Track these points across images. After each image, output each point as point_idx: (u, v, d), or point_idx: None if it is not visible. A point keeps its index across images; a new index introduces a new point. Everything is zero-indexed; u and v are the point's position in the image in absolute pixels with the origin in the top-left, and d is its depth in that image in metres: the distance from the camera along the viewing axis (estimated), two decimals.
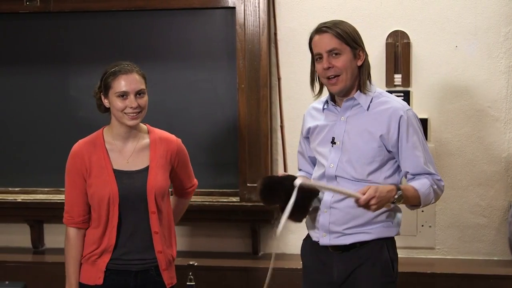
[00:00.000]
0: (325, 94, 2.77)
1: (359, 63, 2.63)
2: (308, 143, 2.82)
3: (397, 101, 2.68)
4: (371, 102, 2.64)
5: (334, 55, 2.58)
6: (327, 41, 2.59)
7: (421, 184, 2.58)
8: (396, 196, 2.49)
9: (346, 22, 2.66)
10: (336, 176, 2.63)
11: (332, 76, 2.59)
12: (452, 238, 3.76)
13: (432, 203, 2.65)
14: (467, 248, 3.75)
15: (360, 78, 2.65)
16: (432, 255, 3.78)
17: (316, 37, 2.62)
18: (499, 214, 3.71)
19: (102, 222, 2.76)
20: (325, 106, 2.72)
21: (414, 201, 2.59)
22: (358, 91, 2.65)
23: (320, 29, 2.62)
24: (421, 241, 3.75)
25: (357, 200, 2.43)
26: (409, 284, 3.53)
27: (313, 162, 2.83)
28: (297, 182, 2.38)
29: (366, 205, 2.43)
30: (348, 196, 2.48)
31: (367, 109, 2.63)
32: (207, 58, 3.90)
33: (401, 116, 2.60)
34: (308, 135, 2.79)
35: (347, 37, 2.59)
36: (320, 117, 2.74)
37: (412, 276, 3.54)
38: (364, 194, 2.41)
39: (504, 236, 3.70)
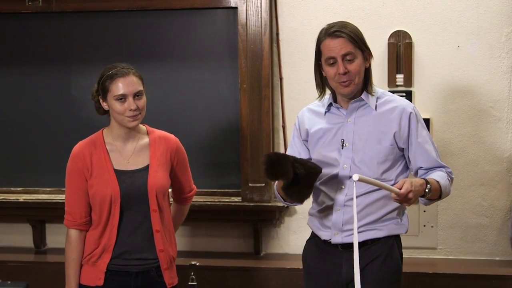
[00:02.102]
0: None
1: (367, 65, 2.65)
2: (305, 146, 2.79)
3: (401, 99, 2.72)
4: (376, 102, 2.67)
5: (348, 60, 2.58)
6: (342, 45, 2.57)
7: (440, 177, 2.60)
8: (427, 190, 2.52)
9: (351, 24, 2.66)
10: (350, 176, 2.63)
11: (346, 80, 2.59)
12: (454, 238, 3.76)
13: (446, 196, 2.67)
14: (469, 248, 3.75)
15: (368, 79, 2.66)
16: (434, 255, 3.78)
17: (329, 41, 2.59)
18: (501, 214, 3.71)
19: (103, 221, 2.76)
20: (327, 110, 2.72)
21: (436, 195, 2.59)
22: (364, 91, 2.66)
23: (334, 33, 2.58)
24: (423, 241, 3.75)
25: (396, 195, 2.45)
26: (411, 284, 3.53)
27: None
28: (355, 177, 2.36)
29: (405, 199, 2.45)
30: (388, 190, 2.49)
31: (375, 109, 2.65)
32: (209, 58, 3.90)
33: (410, 113, 2.64)
34: (307, 138, 2.77)
35: (359, 40, 2.61)
36: (320, 120, 2.73)
37: (414, 276, 3.54)
38: (400, 188, 2.44)
39: (506, 236, 3.70)
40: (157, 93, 3.80)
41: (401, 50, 3.67)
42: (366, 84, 2.66)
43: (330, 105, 2.71)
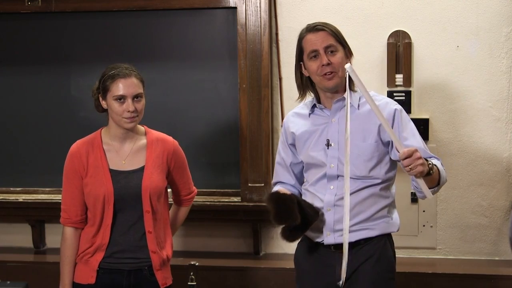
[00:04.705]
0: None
1: (348, 62, 2.65)
2: (293, 151, 2.81)
3: (385, 97, 2.74)
4: (359, 101, 2.68)
5: (330, 52, 2.62)
6: (324, 38, 2.62)
7: (435, 161, 2.52)
8: (429, 165, 2.41)
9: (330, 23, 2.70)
10: (338, 176, 2.64)
11: (329, 72, 2.60)
12: (454, 238, 3.76)
13: (444, 184, 2.56)
14: (468, 248, 3.75)
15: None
16: (434, 255, 3.78)
17: (310, 35, 2.64)
18: (501, 214, 3.71)
19: (97, 221, 2.77)
20: (311, 111, 2.73)
21: (436, 177, 2.49)
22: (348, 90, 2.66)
23: (314, 28, 2.65)
24: (422, 241, 3.75)
25: (403, 152, 2.34)
26: (410, 284, 3.53)
27: (294, 170, 2.83)
28: (348, 66, 2.32)
29: (410, 160, 2.32)
30: (394, 139, 2.41)
31: (358, 108, 2.66)
32: (208, 58, 3.90)
33: (395, 109, 2.65)
34: (294, 142, 2.78)
35: (340, 35, 2.66)
36: (305, 122, 2.74)
37: (413, 276, 3.54)
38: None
39: (505, 236, 3.70)
40: (156, 93, 3.80)
41: (400, 50, 3.67)
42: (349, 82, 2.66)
43: (313, 106, 2.73)
